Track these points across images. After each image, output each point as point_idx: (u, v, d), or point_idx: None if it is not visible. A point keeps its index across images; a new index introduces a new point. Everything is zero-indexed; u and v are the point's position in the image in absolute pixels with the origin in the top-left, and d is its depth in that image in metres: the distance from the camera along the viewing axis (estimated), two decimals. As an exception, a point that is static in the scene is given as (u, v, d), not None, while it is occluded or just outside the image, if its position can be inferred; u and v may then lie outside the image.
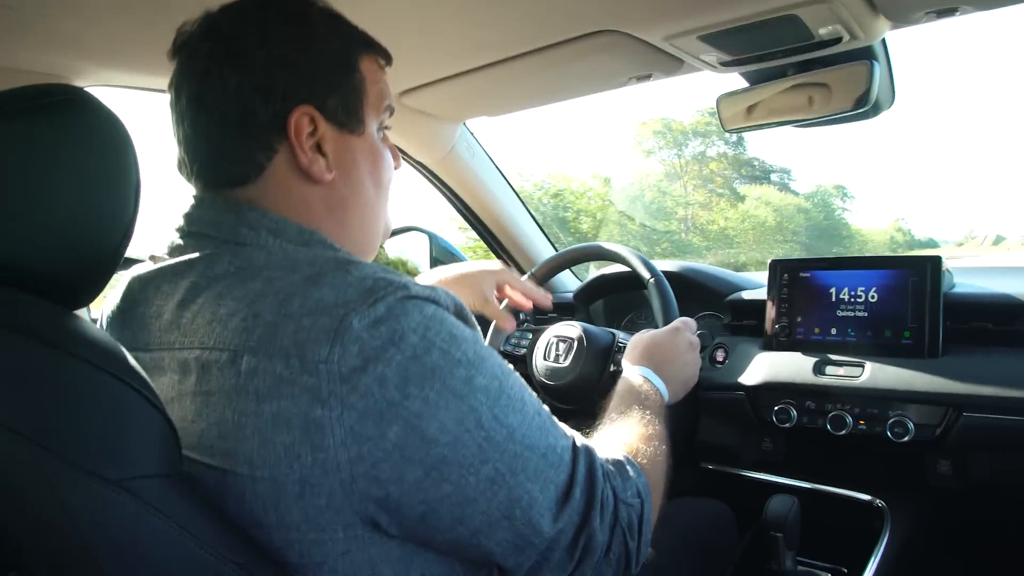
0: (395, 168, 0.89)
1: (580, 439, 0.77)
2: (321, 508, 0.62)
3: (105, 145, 0.66)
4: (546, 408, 0.75)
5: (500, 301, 1.32)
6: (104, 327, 0.79)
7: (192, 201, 0.78)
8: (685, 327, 1.27)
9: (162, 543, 0.58)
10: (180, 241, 0.76)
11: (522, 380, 0.74)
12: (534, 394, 0.75)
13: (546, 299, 1.31)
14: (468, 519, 0.66)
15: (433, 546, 0.68)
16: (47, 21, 1.05)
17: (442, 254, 2.05)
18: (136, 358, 0.69)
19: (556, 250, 2.17)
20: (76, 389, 0.58)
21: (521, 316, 1.85)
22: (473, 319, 0.74)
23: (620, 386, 1.07)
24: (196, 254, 0.73)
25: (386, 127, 0.87)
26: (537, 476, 0.68)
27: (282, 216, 0.75)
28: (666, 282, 1.43)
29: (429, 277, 1.29)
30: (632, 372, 1.11)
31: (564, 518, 0.70)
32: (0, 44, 1.12)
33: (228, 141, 0.75)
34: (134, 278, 0.77)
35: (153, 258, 0.78)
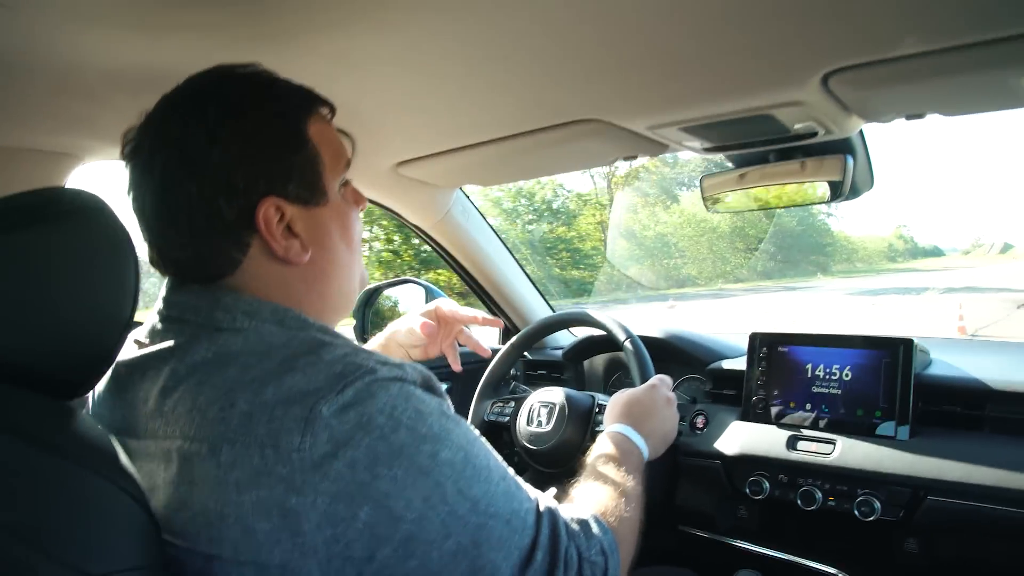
0: (360, 210, 0.91)
1: (544, 501, 0.80)
2: None
3: (110, 251, 0.70)
4: (511, 472, 0.78)
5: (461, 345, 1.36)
6: (96, 405, 0.83)
7: (169, 285, 0.81)
8: (661, 384, 1.32)
9: None
10: (160, 325, 0.79)
11: (488, 447, 0.77)
12: (500, 459, 0.78)
13: (484, 320, 1.34)
14: None
15: None
16: (60, 104, 1.10)
17: (437, 306, 2.09)
18: (125, 444, 0.73)
19: (549, 305, 2.22)
20: (65, 489, 0.61)
21: (513, 372, 1.89)
22: (441, 388, 0.77)
23: (598, 444, 1.11)
24: (175, 340, 0.76)
25: (345, 182, 0.88)
26: (500, 544, 0.71)
27: (256, 297, 0.77)
28: (640, 343, 1.49)
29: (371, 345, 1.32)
30: (611, 430, 1.14)
31: None
32: (14, 126, 1.17)
33: (200, 246, 0.77)
34: (120, 363, 0.79)
35: (137, 342, 0.81)
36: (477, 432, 0.78)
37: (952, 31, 0.88)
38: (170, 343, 0.76)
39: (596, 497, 0.94)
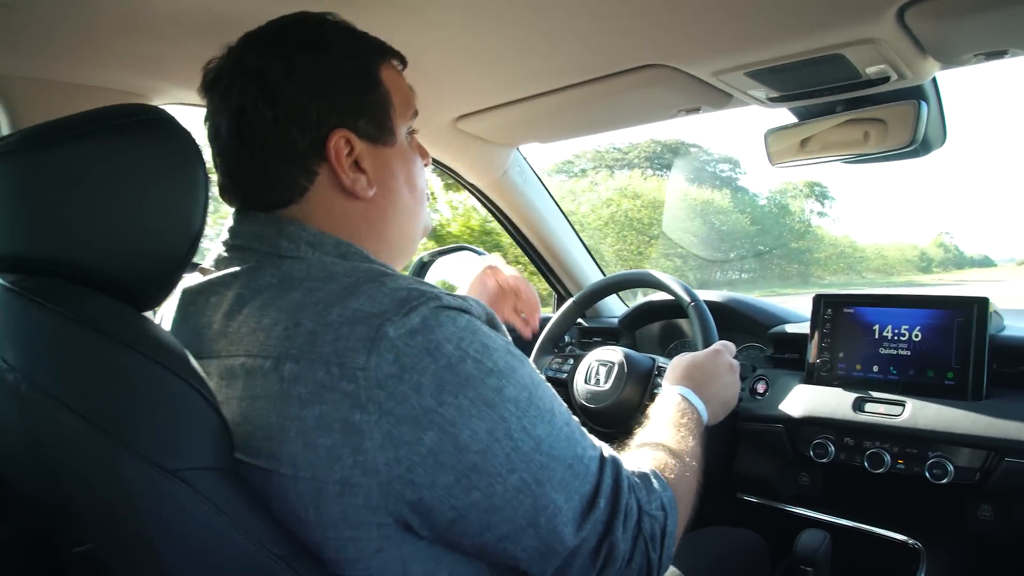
0: (425, 165, 0.94)
1: (608, 451, 0.79)
2: (358, 508, 0.65)
3: (178, 162, 0.72)
4: (575, 419, 0.78)
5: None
6: None
7: (235, 216, 0.83)
8: (725, 349, 1.29)
9: (211, 530, 0.62)
10: (225, 254, 0.81)
11: (552, 391, 0.77)
12: (564, 405, 0.78)
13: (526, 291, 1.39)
14: (495, 526, 0.68)
15: (461, 549, 0.71)
16: (129, 43, 1.12)
17: (492, 275, 2.09)
18: None
19: (604, 274, 2.20)
20: (143, 384, 0.63)
21: (566, 339, 1.88)
22: (504, 328, 0.78)
23: (658, 404, 1.10)
24: (240, 267, 0.78)
25: (411, 131, 0.91)
26: (563, 486, 0.71)
27: (320, 230, 0.79)
28: (705, 307, 1.46)
29: None
30: (671, 391, 1.13)
31: (588, 527, 0.72)
32: (84, 64, 1.20)
33: (271, 169, 0.79)
34: (185, 290, 0.82)
35: (202, 270, 0.83)
36: (542, 375, 0.78)
37: None
38: (235, 269, 0.78)
39: (655, 454, 0.93)
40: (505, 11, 1.06)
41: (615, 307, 2.20)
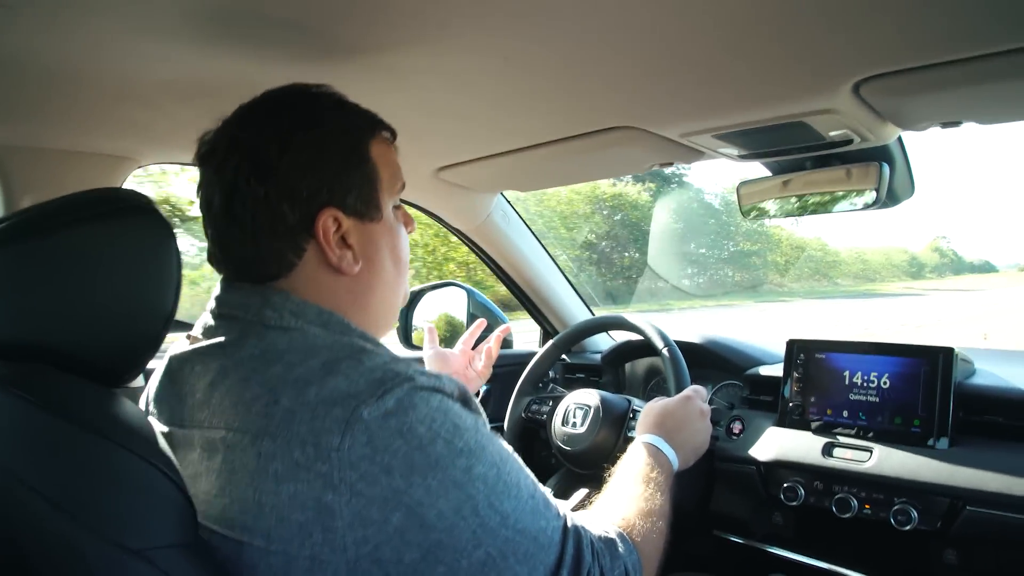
0: (409, 231, 0.96)
1: (572, 519, 0.82)
2: None
3: (154, 248, 0.76)
4: (540, 488, 0.81)
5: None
6: (150, 399, 0.87)
7: (223, 284, 0.85)
8: (696, 395, 1.32)
9: None
10: (212, 322, 0.84)
11: (519, 463, 0.80)
12: (530, 475, 0.81)
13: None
14: None
15: None
16: (120, 111, 1.16)
17: (478, 309, 2.12)
18: (171, 433, 0.78)
19: (590, 310, 2.24)
20: (108, 468, 0.66)
21: (550, 375, 1.92)
22: (477, 403, 0.80)
23: (629, 454, 1.12)
24: (225, 336, 0.80)
25: (398, 205, 0.93)
26: (526, 559, 0.74)
27: (304, 300, 0.81)
28: (677, 351, 1.50)
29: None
30: (643, 440, 1.15)
31: None
32: (76, 131, 1.24)
33: (261, 245, 0.81)
34: (173, 357, 0.85)
35: (190, 337, 0.86)
36: (510, 449, 0.80)
37: (986, 38, 0.87)
38: (221, 339, 0.80)
39: (623, 512, 0.96)
40: (480, 78, 1.09)
41: (600, 342, 2.24)
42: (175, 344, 0.87)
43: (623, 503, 0.99)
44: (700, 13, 0.85)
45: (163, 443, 0.71)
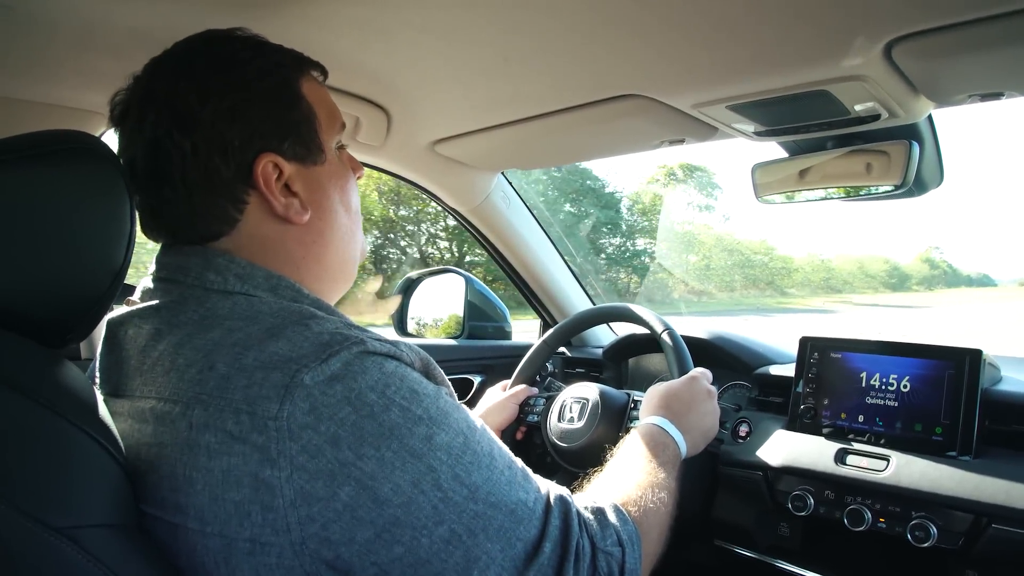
0: (358, 177, 0.91)
1: (556, 490, 0.76)
2: (271, 567, 0.63)
3: (103, 194, 0.70)
4: (519, 462, 0.75)
5: None
6: (95, 369, 0.81)
7: (163, 247, 0.80)
8: (702, 376, 1.27)
9: None
10: (151, 285, 0.78)
11: (492, 435, 0.74)
12: (505, 449, 0.75)
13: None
14: None
15: None
16: (85, 61, 1.11)
17: (477, 297, 2.06)
18: (111, 404, 0.71)
19: (592, 301, 2.16)
20: (34, 435, 0.60)
21: (550, 368, 1.83)
22: (442, 375, 0.75)
23: (630, 437, 1.06)
24: (163, 299, 0.75)
25: (340, 146, 0.88)
26: (500, 535, 0.68)
27: (251, 262, 0.76)
28: (677, 335, 1.44)
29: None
30: (647, 422, 1.09)
31: (531, 573, 0.69)
32: (42, 82, 1.17)
33: (196, 202, 0.76)
34: (109, 320, 0.79)
35: (128, 301, 0.80)
36: (481, 421, 0.75)
37: None
38: (157, 302, 0.75)
39: (618, 486, 0.90)
40: (477, 35, 1.03)
41: (602, 336, 2.15)
42: (114, 311, 0.81)
43: (619, 478, 0.93)
44: None
45: (104, 413, 0.66)
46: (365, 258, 0.92)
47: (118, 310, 0.80)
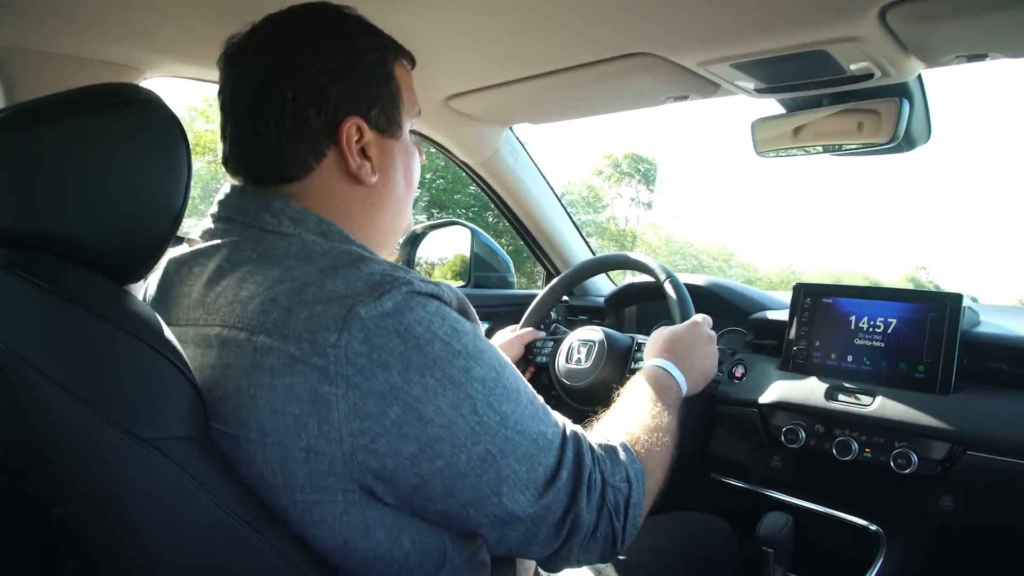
0: (420, 162, 0.98)
1: (572, 427, 0.83)
2: (323, 473, 0.69)
3: (162, 142, 0.75)
4: (540, 398, 0.82)
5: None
6: (146, 302, 0.87)
7: (227, 189, 0.86)
8: (703, 321, 1.34)
9: (182, 497, 0.66)
10: (211, 225, 0.85)
11: (518, 373, 0.81)
12: (529, 386, 0.81)
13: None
14: (458, 492, 0.72)
15: (425, 516, 0.75)
16: (126, 16, 1.15)
17: (483, 249, 2.12)
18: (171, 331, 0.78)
19: (592, 253, 2.23)
20: (121, 357, 0.66)
21: (554, 315, 1.91)
22: (475, 314, 0.81)
23: (636, 378, 1.12)
24: (223, 239, 0.81)
25: (412, 129, 0.95)
26: (526, 458, 0.75)
27: (304, 207, 0.83)
28: (680, 282, 1.50)
29: None
30: (651, 364, 1.16)
31: (550, 496, 0.76)
32: (81, 37, 1.22)
33: (284, 146, 0.83)
34: (171, 259, 0.85)
35: (188, 241, 0.86)
36: (508, 358, 0.81)
37: None
38: (218, 241, 0.82)
39: (626, 426, 0.96)
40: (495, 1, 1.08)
41: (602, 286, 2.23)
42: (173, 249, 0.87)
43: (628, 419, 0.99)
44: None
45: (171, 336, 0.72)
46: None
47: (179, 249, 0.86)
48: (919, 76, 1.26)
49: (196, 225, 0.89)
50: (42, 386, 0.63)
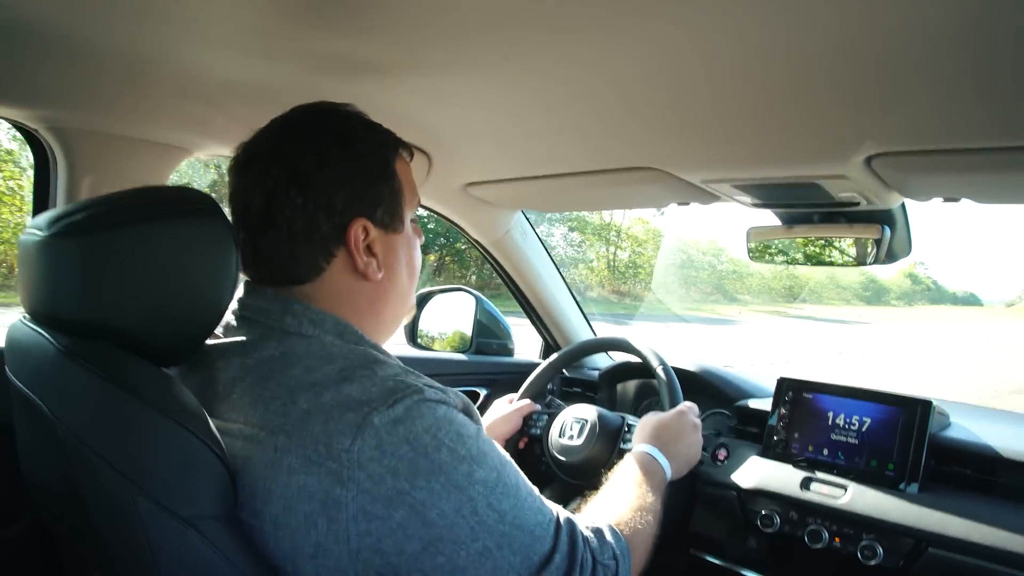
0: (420, 243, 1.04)
1: (564, 514, 0.90)
2: (330, 568, 0.74)
3: (219, 248, 0.84)
4: (535, 490, 0.88)
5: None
6: None
7: (245, 289, 0.93)
8: (689, 410, 1.42)
9: (212, 569, 0.73)
10: (234, 323, 0.91)
11: (516, 468, 0.87)
12: (526, 479, 0.88)
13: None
14: None
15: None
16: (181, 104, 1.24)
17: (486, 317, 2.20)
18: None
19: (592, 330, 2.33)
20: (166, 442, 0.74)
21: (550, 387, 2.00)
22: (478, 416, 0.88)
23: (625, 462, 1.20)
24: (247, 337, 0.88)
25: (414, 218, 1.01)
26: (521, 549, 0.80)
27: (323, 309, 0.89)
28: (672, 371, 1.59)
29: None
30: (639, 450, 1.24)
31: None
32: (141, 122, 1.31)
33: (296, 250, 0.89)
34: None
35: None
36: (508, 456, 0.88)
37: (986, 133, 0.98)
38: (242, 338, 0.88)
39: (613, 508, 1.03)
40: (520, 109, 1.17)
41: (599, 361, 2.32)
42: None
43: (615, 500, 1.06)
44: (734, 79, 0.93)
45: (211, 424, 0.78)
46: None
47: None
48: (902, 203, 1.39)
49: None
50: (96, 464, 0.71)
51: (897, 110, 0.94)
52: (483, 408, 1.94)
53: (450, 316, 2.22)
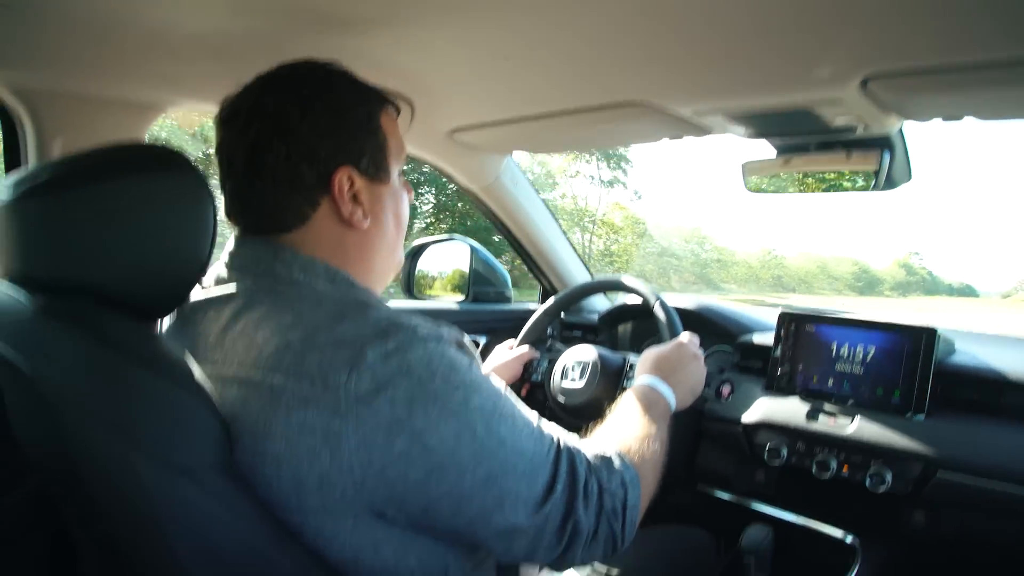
0: (410, 201, 1.04)
1: (565, 441, 0.90)
2: (335, 499, 0.75)
3: (192, 199, 0.83)
4: (534, 418, 0.88)
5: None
6: (164, 336, 0.95)
7: (235, 240, 0.94)
8: (690, 340, 1.41)
9: (212, 517, 0.73)
10: (224, 274, 0.92)
11: (514, 398, 0.88)
12: (525, 407, 0.88)
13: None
14: (464, 511, 0.79)
15: (433, 533, 0.81)
16: (149, 61, 1.20)
17: (481, 265, 2.19)
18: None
19: (589, 272, 2.31)
20: (155, 397, 0.74)
21: (549, 331, 1.99)
22: (473, 350, 0.88)
23: (627, 394, 1.19)
24: (237, 286, 0.88)
25: (402, 172, 1.02)
26: (524, 476, 0.81)
27: (312, 256, 0.89)
28: (667, 304, 1.58)
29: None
30: (641, 382, 1.23)
31: (548, 507, 0.83)
32: (106, 79, 1.27)
33: (280, 199, 0.89)
34: (186, 304, 0.92)
35: (201, 286, 0.93)
36: (504, 385, 0.88)
37: (988, 45, 0.93)
38: (232, 288, 0.88)
39: (620, 437, 1.03)
40: (502, 48, 1.13)
41: (597, 303, 2.31)
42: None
43: (620, 430, 1.06)
44: (721, 3, 0.89)
45: (198, 374, 0.79)
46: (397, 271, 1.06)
47: (194, 294, 0.92)
48: (900, 127, 1.34)
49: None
50: (86, 423, 0.70)
51: (893, 23, 0.90)
52: (483, 356, 1.93)
53: (446, 266, 2.21)
